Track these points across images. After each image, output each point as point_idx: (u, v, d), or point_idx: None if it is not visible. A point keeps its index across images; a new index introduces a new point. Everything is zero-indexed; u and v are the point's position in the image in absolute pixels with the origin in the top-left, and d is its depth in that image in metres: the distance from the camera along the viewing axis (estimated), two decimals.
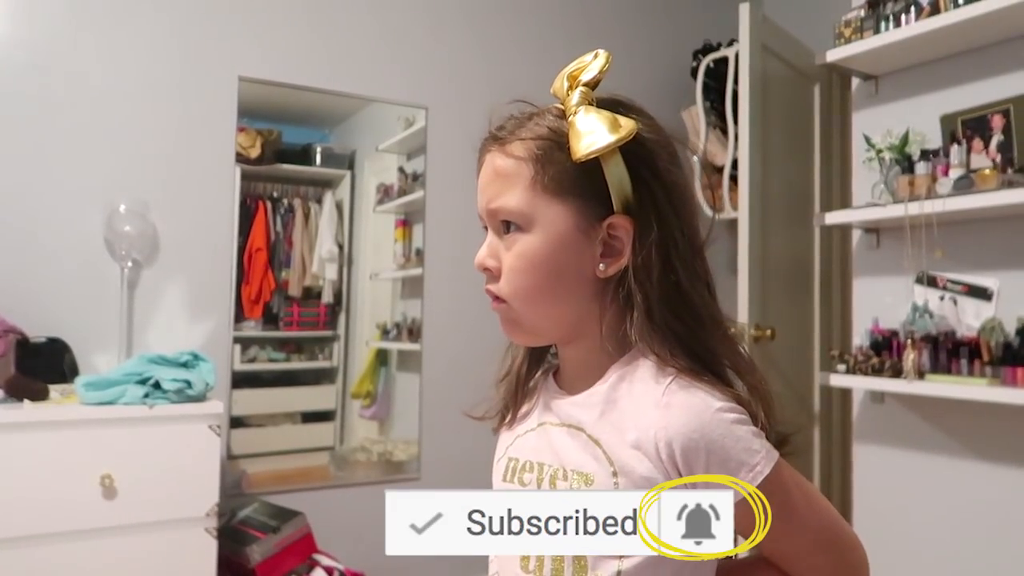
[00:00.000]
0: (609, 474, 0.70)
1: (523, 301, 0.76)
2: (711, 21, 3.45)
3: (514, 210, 0.75)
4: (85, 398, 1.88)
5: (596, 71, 0.76)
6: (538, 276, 0.75)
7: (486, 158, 0.78)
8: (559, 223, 0.74)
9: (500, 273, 0.77)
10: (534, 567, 0.73)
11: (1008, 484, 2.01)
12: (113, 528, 1.86)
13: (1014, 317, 1.95)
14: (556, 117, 0.76)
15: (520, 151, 0.75)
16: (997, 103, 2.03)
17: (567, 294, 0.76)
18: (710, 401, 0.69)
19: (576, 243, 0.74)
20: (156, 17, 2.41)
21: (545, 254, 0.74)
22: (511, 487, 0.79)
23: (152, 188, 2.37)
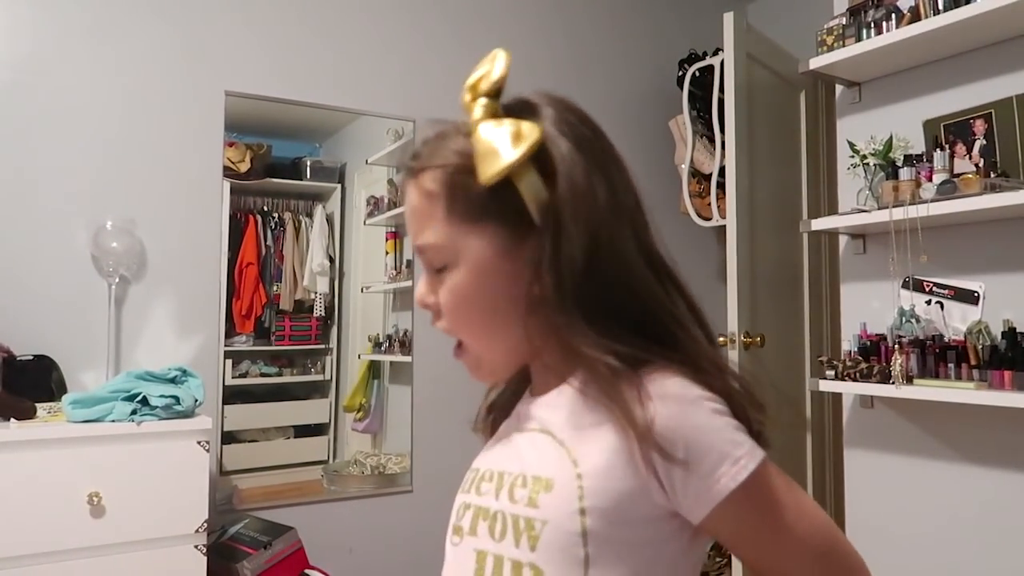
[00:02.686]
0: (573, 476, 0.64)
1: (470, 337, 0.73)
2: (696, 30, 3.47)
3: (435, 247, 0.71)
4: (72, 416, 1.87)
5: (496, 76, 0.70)
6: (473, 311, 0.71)
7: (405, 189, 0.74)
8: (480, 252, 0.69)
9: (440, 311, 0.73)
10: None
11: (996, 486, 2.01)
12: (101, 547, 1.84)
13: (1000, 320, 1.95)
14: (464, 136, 0.70)
15: (430, 183, 0.71)
16: (979, 108, 2.05)
17: (507, 322, 0.70)
18: (687, 388, 0.64)
19: (503, 268, 0.69)
20: (141, 33, 2.41)
21: (474, 287, 0.70)
22: (467, 497, 0.74)
23: (139, 204, 2.37)
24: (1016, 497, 1.97)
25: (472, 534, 0.70)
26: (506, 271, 0.69)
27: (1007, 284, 2.01)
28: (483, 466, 0.75)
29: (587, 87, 3.24)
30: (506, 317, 0.70)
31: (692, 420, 0.62)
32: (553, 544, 0.63)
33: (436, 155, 0.71)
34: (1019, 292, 1.98)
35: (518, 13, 3.14)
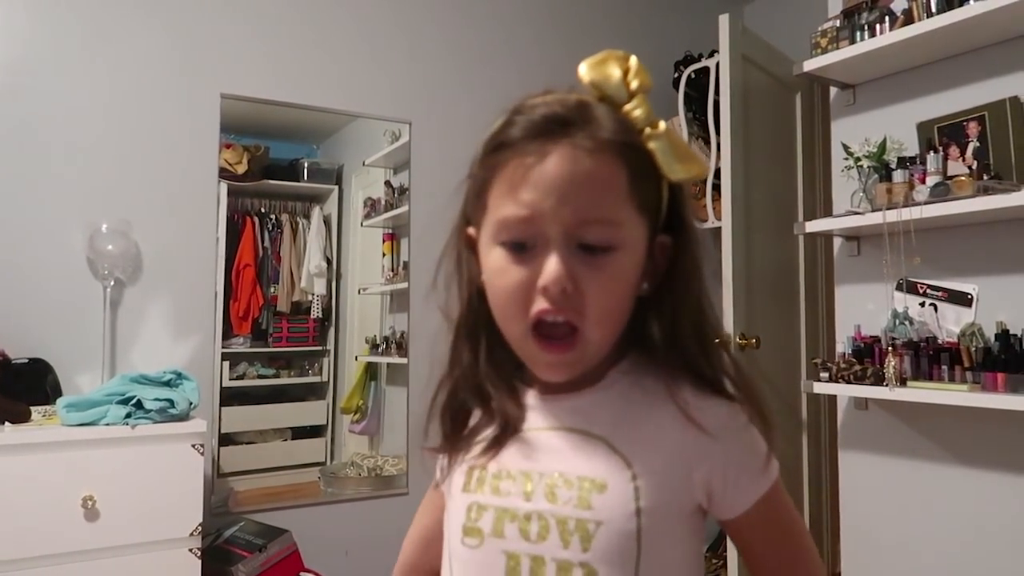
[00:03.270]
0: (627, 478, 0.66)
1: (604, 328, 0.68)
2: (692, 32, 3.47)
3: (611, 223, 0.66)
4: (66, 419, 1.87)
5: (647, 79, 0.69)
6: (626, 300, 0.69)
7: (562, 151, 0.65)
8: (640, 241, 0.68)
9: (575, 296, 0.66)
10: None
11: (989, 487, 2.01)
12: (96, 550, 1.84)
13: (993, 322, 1.95)
14: (619, 116, 0.68)
15: (612, 153, 0.66)
16: (972, 110, 2.04)
17: (627, 315, 0.70)
18: (736, 413, 0.70)
19: (642, 263, 0.70)
20: (136, 36, 2.42)
21: (631, 275, 0.68)
22: (479, 497, 0.71)
23: (134, 207, 2.37)
24: (1009, 498, 1.97)
25: (497, 536, 0.68)
26: (641, 266, 0.70)
27: (1000, 286, 2.01)
28: (493, 465, 0.72)
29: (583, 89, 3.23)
30: (629, 308, 0.70)
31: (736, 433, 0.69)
32: (610, 545, 0.65)
33: (606, 122, 0.67)
34: (1012, 294, 1.98)
35: (514, 15, 3.15)
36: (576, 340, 0.67)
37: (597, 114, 0.67)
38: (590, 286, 0.65)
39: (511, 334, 0.70)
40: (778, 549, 0.72)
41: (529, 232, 0.66)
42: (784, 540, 0.72)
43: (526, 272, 0.66)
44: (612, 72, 0.68)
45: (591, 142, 0.65)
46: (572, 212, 0.64)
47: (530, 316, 0.66)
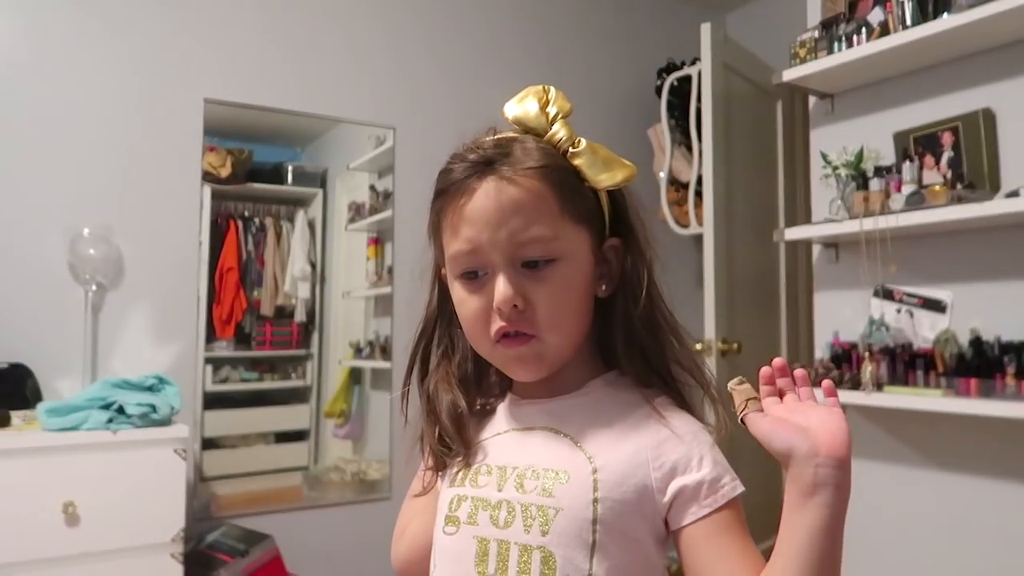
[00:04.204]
0: (589, 471, 0.71)
1: (559, 332, 0.75)
2: (674, 40, 3.50)
3: (546, 240, 0.73)
4: (47, 424, 1.87)
5: (568, 105, 0.78)
6: (572, 304, 0.76)
7: (486, 185, 0.73)
8: (582, 249, 0.76)
9: (527, 310, 0.73)
10: (494, 570, 0.71)
11: (962, 491, 2.05)
12: (76, 556, 1.84)
13: (967, 329, 1.99)
14: (540, 143, 0.76)
15: (534, 179, 0.73)
16: (947, 121, 2.08)
17: (583, 320, 0.78)
18: (704, 430, 0.75)
19: (590, 267, 0.77)
20: (120, 40, 2.41)
21: (579, 281, 0.76)
22: (460, 490, 0.77)
23: (116, 211, 2.37)
24: (981, 501, 2.01)
25: (471, 523, 0.74)
26: (589, 271, 0.77)
27: (974, 294, 2.05)
28: (475, 461, 0.78)
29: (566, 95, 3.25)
30: (584, 313, 0.77)
31: (702, 445, 0.73)
32: (566, 530, 0.69)
33: (528, 153, 0.74)
34: (985, 302, 2.02)
35: (498, 23, 3.16)
36: (534, 340, 0.74)
37: (518, 146, 0.75)
38: (539, 298, 0.73)
39: (482, 351, 0.79)
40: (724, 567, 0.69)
41: (476, 262, 0.74)
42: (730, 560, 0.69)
43: (482, 298, 0.75)
44: (530, 106, 0.77)
45: (513, 171, 0.73)
46: (507, 236, 0.72)
47: (492, 334, 0.75)
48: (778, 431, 0.66)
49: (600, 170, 0.75)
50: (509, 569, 0.70)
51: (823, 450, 0.63)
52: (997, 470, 1.99)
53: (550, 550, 0.69)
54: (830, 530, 0.63)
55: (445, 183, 0.76)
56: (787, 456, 0.65)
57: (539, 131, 0.77)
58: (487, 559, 0.71)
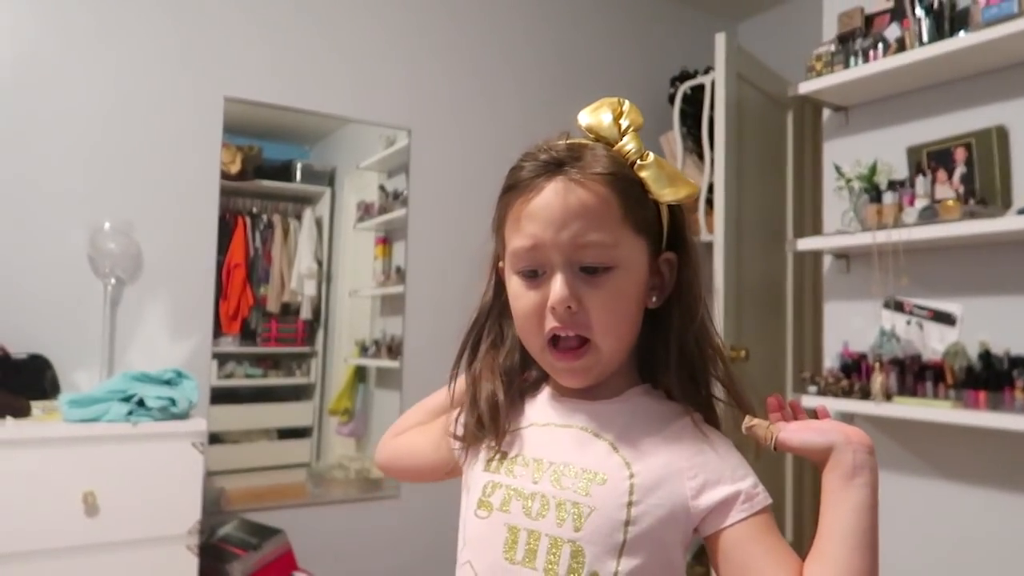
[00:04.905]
0: (626, 476, 0.74)
1: (611, 338, 0.77)
2: (688, 49, 3.54)
3: (606, 246, 0.74)
4: (69, 415, 1.88)
5: (640, 119, 0.80)
6: (629, 312, 0.78)
7: (553, 185, 0.75)
8: (639, 259, 0.77)
9: (580, 313, 0.75)
10: (522, 557, 0.74)
11: (970, 502, 2.08)
12: (95, 546, 1.85)
13: (976, 341, 2.02)
14: (610, 151, 0.78)
15: (602, 185, 0.75)
16: (960, 136, 2.12)
17: (635, 328, 0.79)
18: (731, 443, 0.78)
19: (645, 277, 0.79)
20: (141, 37, 2.42)
21: (633, 290, 0.77)
22: (495, 477, 0.79)
23: (137, 206, 2.38)
24: (989, 513, 2.04)
25: (503, 510, 0.77)
26: (644, 281, 0.78)
27: (983, 307, 2.08)
28: (512, 451, 0.80)
29: (580, 102, 3.26)
30: (635, 323, 0.79)
31: (737, 461, 0.77)
32: (599, 528, 0.72)
33: (598, 159, 0.76)
34: (994, 315, 2.06)
35: (513, 29, 3.19)
36: (587, 349, 0.76)
37: (588, 152, 0.77)
38: (593, 303, 0.75)
39: (531, 348, 0.80)
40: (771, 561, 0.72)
41: (536, 260, 0.76)
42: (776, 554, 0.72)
43: (538, 295, 0.76)
44: (604, 116, 0.80)
45: (582, 175, 0.75)
46: (569, 238, 0.74)
47: (545, 333, 0.77)
48: (813, 435, 0.74)
49: (664, 184, 0.76)
50: (538, 558, 0.73)
51: (855, 438, 0.73)
52: (1005, 482, 2.02)
53: (581, 545, 0.72)
54: (873, 506, 0.72)
55: (514, 180, 0.78)
56: (828, 450, 0.72)
57: (610, 140, 0.79)
58: (516, 546, 0.74)
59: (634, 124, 0.79)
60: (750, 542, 0.72)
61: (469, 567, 0.78)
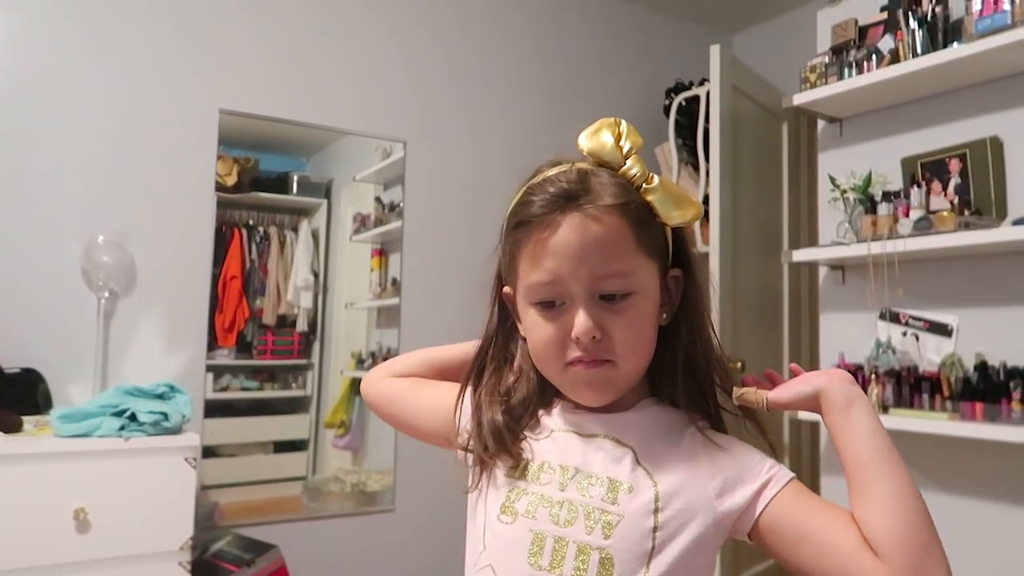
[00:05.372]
0: (651, 485, 0.76)
1: (634, 359, 0.79)
2: (683, 61, 3.55)
3: (626, 275, 0.77)
4: (60, 431, 1.86)
5: (640, 141, 0.81)
6: (647, 333, 0.80)
7: (570, 220, 0.76)
8: (653, 281, 0.80)
9: (603, 340, 0.77)
10: (548, 563, 0.75)
11: (966, 514, 2.07)
12: (86, 562, 1.83)
13: (972, 353, 2.02)
14: (615, 177, 0.79)
15: (615, 216, 0.76)
16: (954, 148, 2.12)
17: (653, 345, 0.81)
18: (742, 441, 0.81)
19: (658, 298, 0.81)
20: (137, 49, 2.43)
21: (651, 312, 0.80)
22: (520, 483, 0.80)
23: (131, 219, 2.37)
24: (986, 525, 2.03)
25: (529, 517, 0.78)
26: (658, 301, 0.81)
27: (979, 318, 2.08)
28: (537, 458, 0.81)
29: (576, 113, 3.29)
30: (653, 341, 0.81)
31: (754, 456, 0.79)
32: (628, 536, 0.74)
33: (609, 193, 0.77)
34: (990, 326, 2.05)
35: (508, 40, 3.20)
36: (612, 366, 0.78)
37: (598, 181, 0.78)
38: (615, 329, 0.77)
39: (549, 373, 0.82)
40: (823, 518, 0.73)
41: (555, 293, 0.78)
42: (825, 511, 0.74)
43: (558, 326, 0.78)
44: (606, 140, 0.80)
45: (595, 209, 0.76)
46: (589, 271, 0.76)
47: (566, 360, 0.78)
48: (800, 386, 0.79)
49: (672, 207, 0.78)
50: (565, 565, 0.74)
51: (836, 375, 0.78)
52: (1002, 494, 2.01)
53: (610, 552, 0.73)
54: (878, 427, 0.75)
55: (526, 215, 0.78)
56: (817, 394, 0.77)
57: (613, 165, 0.79)
58: (542, 552, 0.75)
59: (635, 146, 0.80)
60: (794, 511, 0.74)
61: (490, 570, 0.78)
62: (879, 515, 0.70)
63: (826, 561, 0.71)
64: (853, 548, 0.70)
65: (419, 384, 0.98)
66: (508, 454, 0.82)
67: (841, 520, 0.72)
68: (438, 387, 0.95)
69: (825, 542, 0.71)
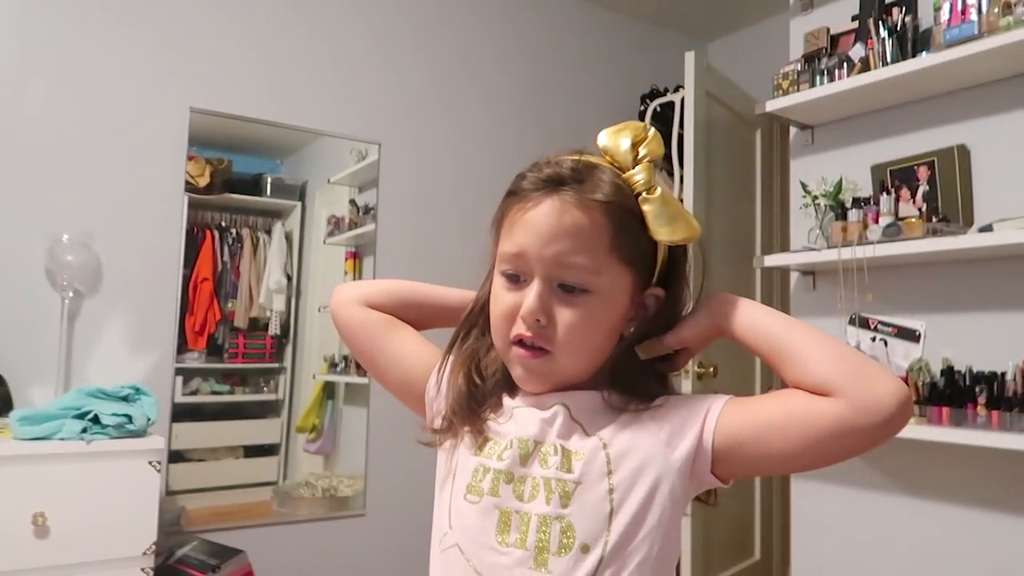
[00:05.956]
0: (600, 446, 0.77)
1: (574, 357, 0.78)
2: (658, 67, 3.57)
3: (588, 270, 0.76)
4: (19, 433, 1.82)
5: (659, 151, 0.79)
6: (596, 336, 0.79)
7: (550, 201, 0.76)
8: (619, 289, 0.78)
9: (548, 327, 0.77)
10: (515, 540, 0.76)
11: (932, 517, 2.09)
12: (44, 568, 1.79)
13: (939, 358, 2.04)
14: (617, 178, 0.78)
15: (597, 208, 0.76)
16: (923, 155, 2.15)
17: (604, 351, 0.80)
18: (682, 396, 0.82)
19: (624, 307, 0.79)
20: (106, 48, 2.39)
21: (606, 317, 0.78)
22: (485, 460, 0.81)
23: (98, 218, 2.33)
24: (951, 528, 2.05)
25: (494, 495, 0.78)
26: (622, 310, 0.80)
27: (946, 324, 2.10)
28: (499, 438, 0.82)
29: (550, 119, 3.30)
30: (605, 344, 0.80)
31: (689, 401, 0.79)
32: (585, 502, 0.75)
33: (600, 185, 0.77)
34: (957, 332, 2.08)
35: (484, 45, 3.20)
36: (547, 358, 0.78)
37: (595, 176, 0.77)
38: (561, 321, 0.77)
39: (498, 346, 0.83)
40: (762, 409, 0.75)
41: (519, 267, 0.78)
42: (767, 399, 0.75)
43: (515, 298, 0.79)
44: (623, 141, 0.79)
45: (580, 198, 0.76)
46: (553, 255, 0.76)
47: (512, 336, 0.79)
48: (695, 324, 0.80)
49: (663, 223, 0.76)
50: (529, 538, 0.75)
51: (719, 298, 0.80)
52: (967, 497, 2.03)
53: (570, 520, 0.74)
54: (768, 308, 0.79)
55: (516, 186, 0.80)
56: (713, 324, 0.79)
57: (622, 166, 0.79)
58: (508, 528, 0.77)
59: (652, 155, 0.79)
60: (742, 417, 0.75)
61: (457, 551, 0.79)
62: (809, 365, 0.72)
63: (790, 432, 0.72)
64: (805, 403, 0.71)
65: (394, 328, 0.94)
66: (471, 419, 0.83)
67: (783, 395, 0.74)
68: (412, 340, 0.94)
69: (780, 419, 0.72)
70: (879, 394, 0.69)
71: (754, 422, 0.74)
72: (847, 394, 0.69)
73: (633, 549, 0.74)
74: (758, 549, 3.03)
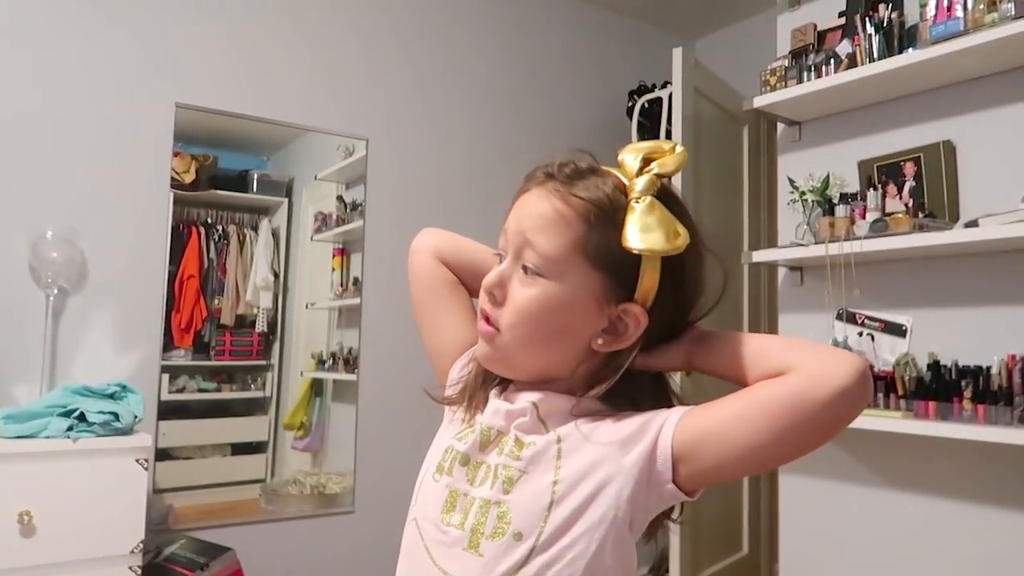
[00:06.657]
0: (554, 440, 0.77)
1: (516, 339, 0.78)
2: (646, 63, 3.58)
3: (547, 256, 0.76)
4: (5, 431, 1.80)
5: (672, 167, 0.78)
6: (541, 326, 0.77)
7: (538, 189, 0.79)
8: (582, 288, 0.77)
9: (503, 302, 0.79)
10: (457, 520, 0.77)
11: (918, 510, 2.11)
12: (30, 568, 1.78)
13: (925, 352, 2.06)
14: (616, 188, 0.77)
15: (577, 205, 0.76)
16: (909, 151, 2.16)
17: (559, 350, 0.79)
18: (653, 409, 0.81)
19: (588, 311, 0.77)
20: (91, 41, 2.37)
21: (556, 309, 0.77)
22: (454, 442, 0.83)
23: (82, 214, 2.31)
24: (937, 521, 2.07)
25: (449, 475, 0.81)
26: (587, 315, 0.78)
27: (932, 319, 2.12)
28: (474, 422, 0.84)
29: (538, 115, 3.30)
30: (562, 346, 0.79)
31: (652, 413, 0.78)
32: (526, 492, 0.75)
33: (588, 185, 0.77)
34: (943, 327, 2.09)
35: (472, 41, 3.19)
36: (494, 334, 0.79)
37: (591, 179, 0.78)
38: (514, 297, 0.78)
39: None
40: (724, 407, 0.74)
41: (503, 245, 0.81)
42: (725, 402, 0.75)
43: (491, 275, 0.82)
44: (636, 155, 0.80)
45: (564, 191, 0.77)
46: (519, 231, 0.78)
47: (480, 310, 0.82)
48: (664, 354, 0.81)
49: (636, 230, 0.75)
50: (468, 519, 0.77)
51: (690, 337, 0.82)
52: (953, 491, 2.05)
53: (507, 507, 0.75)
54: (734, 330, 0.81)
55: (527, 176, 0.83)
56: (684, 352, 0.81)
57: (627, 176, 0.79)
58: (454, 509, 0.79)
59: (661, 168, 0.78)
60: (702, 420, 0.74)
61: (414, 525, 0.82)
62: (769, 357, 0.74)
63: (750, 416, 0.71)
64: (763, 387, 0.72)
65: (454, 296, 0.97)
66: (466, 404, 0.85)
67: (745, 389, 0.74)
68: (462, 312, 0.96)
69: (740, 408, 0.73)
70: (833, 362, 0.70)
71: (717, 417, 0.73)
72: (803, 367, 0.70)
73: (569, 544, 0.72)
74: (746, 543, 3.05)
